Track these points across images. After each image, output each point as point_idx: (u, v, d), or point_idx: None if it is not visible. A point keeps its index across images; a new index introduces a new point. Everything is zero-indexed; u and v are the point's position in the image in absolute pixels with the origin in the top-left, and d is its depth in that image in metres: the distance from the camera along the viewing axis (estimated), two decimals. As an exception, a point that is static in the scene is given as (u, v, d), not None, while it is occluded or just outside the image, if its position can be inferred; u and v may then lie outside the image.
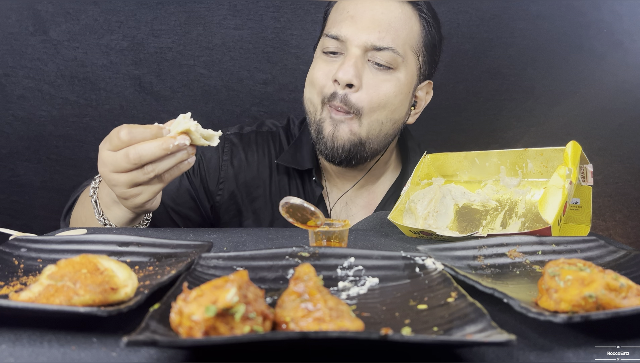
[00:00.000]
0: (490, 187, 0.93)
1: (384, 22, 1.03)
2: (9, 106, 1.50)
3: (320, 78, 1.06)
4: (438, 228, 0.93)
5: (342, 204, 1.19)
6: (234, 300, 0.41)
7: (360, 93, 1.02)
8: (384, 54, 1.03)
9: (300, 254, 0.61)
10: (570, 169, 0.79)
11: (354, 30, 1.03)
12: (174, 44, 1.53)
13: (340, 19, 1.06)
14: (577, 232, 0.88)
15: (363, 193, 1.19)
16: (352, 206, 1.19)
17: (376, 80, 1.03)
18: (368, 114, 1.03)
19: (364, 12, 1.04)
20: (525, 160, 0.87)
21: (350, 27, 1.04)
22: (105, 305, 0.48)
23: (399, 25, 1.04)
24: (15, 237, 0.68)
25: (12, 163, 1.55)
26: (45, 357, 0.42)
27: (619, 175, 1.72)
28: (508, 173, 0.90)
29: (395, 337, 0.39)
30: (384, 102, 1.04)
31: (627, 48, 1.57)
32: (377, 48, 1.02)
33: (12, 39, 1.45)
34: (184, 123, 0.79)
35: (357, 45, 1.02)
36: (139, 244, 0.67)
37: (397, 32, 1.04)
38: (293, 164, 1.15)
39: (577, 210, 0.88)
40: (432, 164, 1.02)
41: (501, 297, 0.50)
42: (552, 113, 1.67)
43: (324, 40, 1.08)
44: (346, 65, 1.01)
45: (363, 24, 1.03)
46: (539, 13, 1.57)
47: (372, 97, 1.03)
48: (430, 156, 1.02)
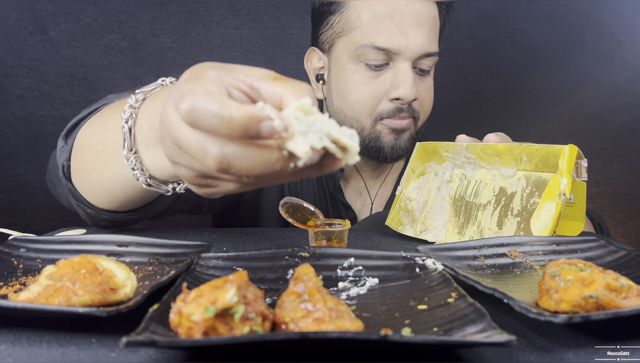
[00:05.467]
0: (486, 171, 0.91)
1: (428, 26, 0.99)
2: (9, 106, 1.50)
3: (371, 98, 1.00)
4: (435, 227, 0.93)
5: (356, 194, 1.19)
6: (233, 301, 0.41)
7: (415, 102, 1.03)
8: (430, 59, 1.01)
9: (300, 254, 0.61)
10: (565, 178, 0.79)
11: (406, 42, 0.96)
12: (174, 43, 1.52)
13: (387, 28, 0.97)
14: (570, 228, 0.87)
15: (376, 183, 1.20)
16: (366, 197, 1.19)
17: (423, 87, 1.04)
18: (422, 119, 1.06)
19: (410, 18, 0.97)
20: (520, 153, 0.86)
21: (401, 38, 0.96)
22: (105, 305, 0.48)
23: (436, 26, 1.02)
24: (15, 237, 0.68)
25: (12, 163, 1.55)
26: (45, 358, 0.42)
27: (619, 175, 1.72)
28: (502, 163, 0.89)
29: (395, 338, 0.39)
30: (430, 105, 1.06)
31: (627, 48, 1.57)
32: (427, 54, 0.99)
33: (11, 38, 1.45)
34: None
35: (410, 57, 0.97)
36: (138, 244, 0.67)
37: (436, 34, 1.02)
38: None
39: (571, 207, 0.87)
40: (423, 150, 1.01)
41: (501, 297, 0.49)
42: (552, 113, 1.67)
43: (368, 51, 0.97)
44: (408, 83, 0.97)
45: (412, 32, 0.97)
46: (539, 13, 1.57)
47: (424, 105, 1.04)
48: (420, 144, 1.02)
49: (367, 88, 1.00)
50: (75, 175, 0.77)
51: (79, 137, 0.75)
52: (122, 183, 0.70)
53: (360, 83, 1.00)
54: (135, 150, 0.62)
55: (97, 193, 0.75)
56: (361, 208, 1.19)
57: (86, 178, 0.74)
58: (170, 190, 0.68)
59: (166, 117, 0.45)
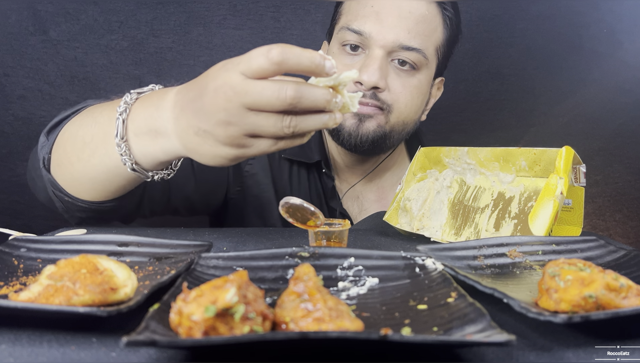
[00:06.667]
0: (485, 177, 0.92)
1: (411, 21, 0.99)
2: (9, 106, 1.50)
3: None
4: (433, 227, 0.93)
5: (353, 198, 1.18)
6: (233, 300, 0.41)
7: (385, 94, 1.01)
8: (411, 54, 1.00)
9: (300, 254, 0.61)
10: (562, 178, 0.79)
11: (379, 29, 0.98)
12: (174, 44, 1.52)
13: (364, 13, 1.00)
14: (568, 234, 0.87)
15: (373, 188, 1.19)
16: (364, 201, 1.18)
17: (401, 83, 1.01)
18: (395, 114, 1.03)
19: (391, 9, 0.99)
20: (518, 158, 0.87)
21: (375, 24, 0.98)
22: (105, 305, 0.48)
23: (425, 25, 1.01)
24: (15, 237, 0.68)
25: (12, 163, 1.54)
26: (45, 357, 0.42)
27: (619, 175, 1.72)
28: (502, 169, 0.90)
29: (395, 337, 0.39)
30: (409, 102, 1.03)
31: (627, 48, 1.57)
32: (405, 47, 0.99)
33: (12, 39, 1.45)
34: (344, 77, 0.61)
35: (382, 45, 0.98)
36: (139, 244, 0.67)
37: (425, 32, 1.01)
38: (301, 158, 1.13)
39: (569, 211, 0.88)
40: (425, 157, 1.01)
41: (501, 297, 0.50)
42: (552, 113, 1.67)
43: (344, 33, 1.02)
44: (371, 68, 0.97)
45: (389, 22, 0.98)
46: (539, 13, 1.57)
47: (399, 101, 1.02)
48: (423, 149, 1.02)
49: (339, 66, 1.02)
50: (56, 166, 0.85)
51: (63, 132, 0.84)
52: (106, 170, 0.79)
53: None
54: (126, 139, 0.73)
55: (77, 182, 0.83)
56: (358, 213, 1.18)
57: (69, 168, 0.82)
58: (150, 176, 0.79)
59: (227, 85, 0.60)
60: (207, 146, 0.65)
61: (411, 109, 1.05)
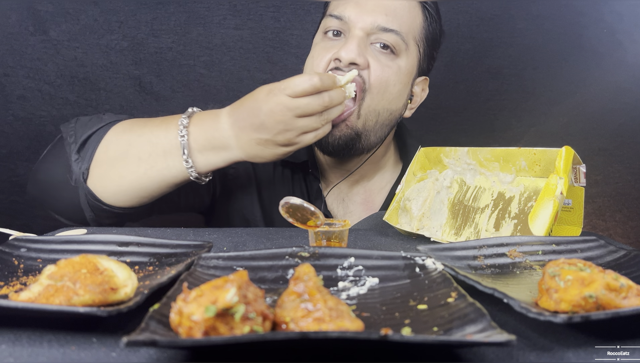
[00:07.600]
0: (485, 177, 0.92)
1: (390, 7, 1.03)
2: (9, 106, 1.50)
3: (318, 59, 1.03)
4: (433, 227, 0.93)
5: (338, 200, 1.18)
6: (233, 300, 0.41)
7: (365, 72, 1.01)
8: (390, 35, 1.02)
9: (300, 254, 0.61)
10: (562, 178, 0.79)
11: (359, 12, 1.02)
12: (174, 44, 1.52)
13: (345, 0, 1.05)
14: (568, 234, 0.87)
15: (359, 190, 1.19)
16: (350, 204, 1.18)
17: (380, 64, 1.02)
18: (370, 96, 1.02)
19: None
20: (518, 158, 0.87)
21: (354, 9, 1.02)
22: (105, 305, 0.48)
23: (404, 12, 1.04)
24: (15, 237, 0.68)
25: (12, 163, 1.54)
26: (45, 357, 0.42)
27: (619, 175, 1.72)
28: (502, 169, 0.90)
29: (395, 337, 0.39)
30: (385, 85, 1.02)
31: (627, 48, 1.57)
32: (383, 29, 1.01)
33: (12, 39, 1.45)
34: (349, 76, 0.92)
35: (361, 27, 1.01)
36: (139, 244, 0.67)
37: (403, 19, 1.04)
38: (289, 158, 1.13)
39: (569, 211, 0.88)
40: (425, 157, 1.01)
41: (501, 297, 0.50)
42: (552, 113, 1.67)
43: (326, 20, 1.07)
44: (349, 45, 0.99)
45: (368, 7, 1.02)
46: (539, 13, 1.57)
47: (380, 81, 1.02)
48: (423, 149, 1.02)
49: (317, 52, 1.05)
50: (100, 180, 0.97)
51: (105, 150, 0.98)
52: (160, 180, 0.96)
53: (315, 52, 1.07)
54: (189, 154, 0.93)
55: (122, 193, 0.98)
56: (342, 215, 1.18)
57: (117, 181, 0.97)
58: (206, 180, 0.99)
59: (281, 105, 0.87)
60: (268, 150, 0.92)
61: (387, 95, 1.04)
